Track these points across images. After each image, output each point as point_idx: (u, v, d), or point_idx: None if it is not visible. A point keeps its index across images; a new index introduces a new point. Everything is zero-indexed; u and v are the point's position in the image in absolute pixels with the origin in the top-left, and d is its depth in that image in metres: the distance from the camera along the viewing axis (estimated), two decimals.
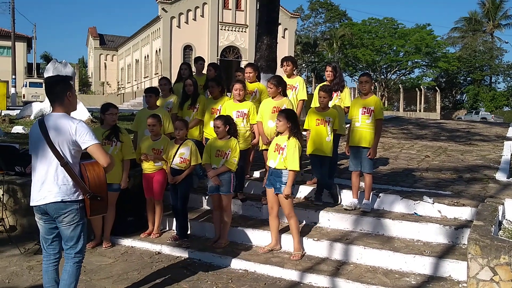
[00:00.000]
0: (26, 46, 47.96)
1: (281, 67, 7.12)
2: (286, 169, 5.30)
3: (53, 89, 3.73)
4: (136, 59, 47.12)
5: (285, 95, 6.40)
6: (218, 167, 5.73)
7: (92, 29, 56.36)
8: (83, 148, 3.64)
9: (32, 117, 14.02)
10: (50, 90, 3.75)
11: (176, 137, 6.07)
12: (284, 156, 5.29)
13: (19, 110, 16.04)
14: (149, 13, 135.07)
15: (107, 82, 52.76)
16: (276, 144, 5.43)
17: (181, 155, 5.92)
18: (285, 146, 5.30)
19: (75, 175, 3.64)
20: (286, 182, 5.29)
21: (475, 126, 15.88)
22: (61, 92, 3.71)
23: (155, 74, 39.57)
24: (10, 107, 20.78)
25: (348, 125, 6.53)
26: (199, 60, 8.21)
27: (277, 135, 5.54)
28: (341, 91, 6.92)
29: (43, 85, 4.03)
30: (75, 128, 3.61)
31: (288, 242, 5.63)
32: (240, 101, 6.48)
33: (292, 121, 5.35)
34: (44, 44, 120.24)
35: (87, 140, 3.61)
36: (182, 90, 7.23)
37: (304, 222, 6.10)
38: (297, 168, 5.27)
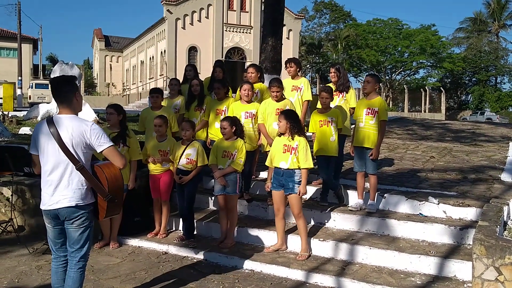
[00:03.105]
0: (32, 48, 48.26)
1: (285, 68, 7.16)
2: (299, 168, 5.35)
3: (61, 90, 3.65)
4: (141, 61, 47.27)
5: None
6: (224, 168, 5.78)
7: (97, 31, 56.59)
8: (98, 151, 3.60)
9: (39, 118, 14.14)
10: (57, 91, 3.66)
11: (182, 137, 6.12)
12: (297, 155, 5.35)
13: (26, 112, 16.16)
14: (154, 14, 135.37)
15: (112, 83, 52.96)
16: (284, 145, 5.45)
17: (187, 156, 5.97)
18: (296, 146, 5.35)
19: (93, 178, 3.59)
20: (300, 181, 5.36)
21: (480, 127, 15.86)
22: (69, 92, 3.64)
23: (160, 75, 39.69)
24: (16, 109, 20.92)
25: (353, 125, 6.57)
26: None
27: (279, 136, 5.57)
28: (347, 92, 6.95)
29: (50, 85, 3.94)
30: (90, 130, 3.56)
31: (294, 243, 5.67)
32: (248, 102, 6.53)
33: (291, 120, 5.40)
34: (50, 46, 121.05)
35: (103, 143, 3.57)
36: (188, 91, 7.28)
37: (310, 223, 6.13)
38: (312, 166, 5.38)
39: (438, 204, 5.94)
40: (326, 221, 6.13)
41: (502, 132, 14.13)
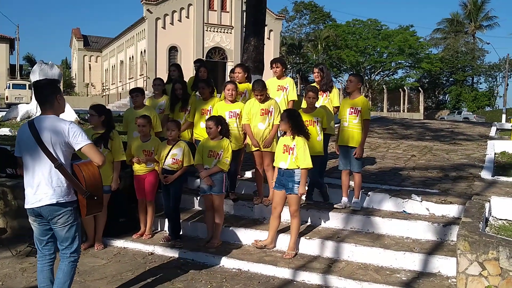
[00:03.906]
0: (9, 48, 47.39)
1: (271, 68, 7.19)
2: (298, 168, 5.38)
3: (43, 92, 3.74)
4: (120, 60, 46.80)
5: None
6: (210, 168, 5.78)
7: (75, 30, 55.80)
8: (76, 149, 3.68)
9: (18, 119, 13.89)
10: (39, 93, 3.75)
11: (168, 138, 6.09)
12: (295, 155, 5.37)
13: (4, 112, 15.86)
14: (134, 14, 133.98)
15: (91, 84, 52.28)
16: (284, 145, 5.48)
17: (173, 156, 5.95)
18: (294, 146, 5.38)
19: (71, 176, 3.67)
20: (299, 181, 5.38)
21: (459, 126, 16.17)
22: (50, 95, 3.74)
23: (140, 75, 39.37)
24: None
25: (338, 124, 6.64)
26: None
27: (283, 135, 5.61)
28: (330, 92, 7.02)
29: (32, 88, 3.96)
30: (68, 129, 3.64)
31: (281, 241, 5.70)
32: (232, 101, 6.54)
33: (292, 120, 5.44)
34: (27, 46, 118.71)
35: (81, 141, 3.65)
36: (171, 92, 7.24)
37: None
38: (310, 166, 5.39)
39: (421, 201, 6.04)
40: (311, 219, 6.17)
41: (479, 131, 14.43)
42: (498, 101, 55.94)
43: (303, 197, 6.54)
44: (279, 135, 6.21)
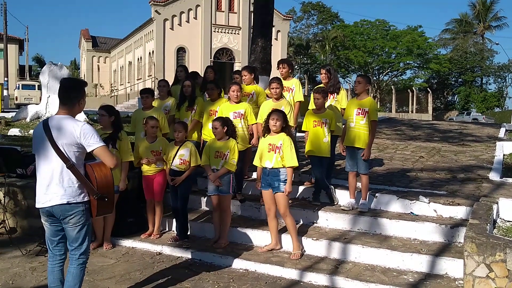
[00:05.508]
0: (18, 48, 47.81)
1: (277, 69, 7.22)
2: (284, 167, 5.40)
3: (67, 94, 3.77)
4: (129, 61, 47.01)
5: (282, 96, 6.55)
6: (217, 168, 5.81)
7: (84, 31, 56.14)
8: (88, 150, 3.67)
9: (28, 120, 14.01)
10: (64, 94, 3.77)
11: (175, 139, 6.13)
12: (281, 154, 5.40)
13: (14, 113, 16.01)
14: (142, 15, 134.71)
15: (100, 84, 52.58)
16: (269, 144, 5.50)
17: (180, 157, 5.99)
18: (281, 144, 5.41)
19: (82, 177, 3.67)
20: (285, 180, 5.39)
21: (467, 127, 16.09)
22: (74, 98, 3.77)
23: (148, 76, 39.53)
24: (4, 110, 20.72)
25: (344, 125, 6.64)
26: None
27: (264, 136, 5.63)
28: (337, 93, 7.02)
29: (59, 85, 3.95)
30: (80, 130, 3.63)
31: (288, 242, 5.70)
32: (237, 102, 6.59)
33: (284, 121, 5.51)
34: (36, 46, 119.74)
35: (93, 143, 3.64)
36: (180, 91, 7.30)
37: (302, 222, 6.20)
38: (296, 164, 5.40)
39: (429, 203, 6.03)
40: (319, 220, 6.18)
41: (488, 132, 14.36)
42: (507, 102, 55.87)
43: (297, 196, 6.54)
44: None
